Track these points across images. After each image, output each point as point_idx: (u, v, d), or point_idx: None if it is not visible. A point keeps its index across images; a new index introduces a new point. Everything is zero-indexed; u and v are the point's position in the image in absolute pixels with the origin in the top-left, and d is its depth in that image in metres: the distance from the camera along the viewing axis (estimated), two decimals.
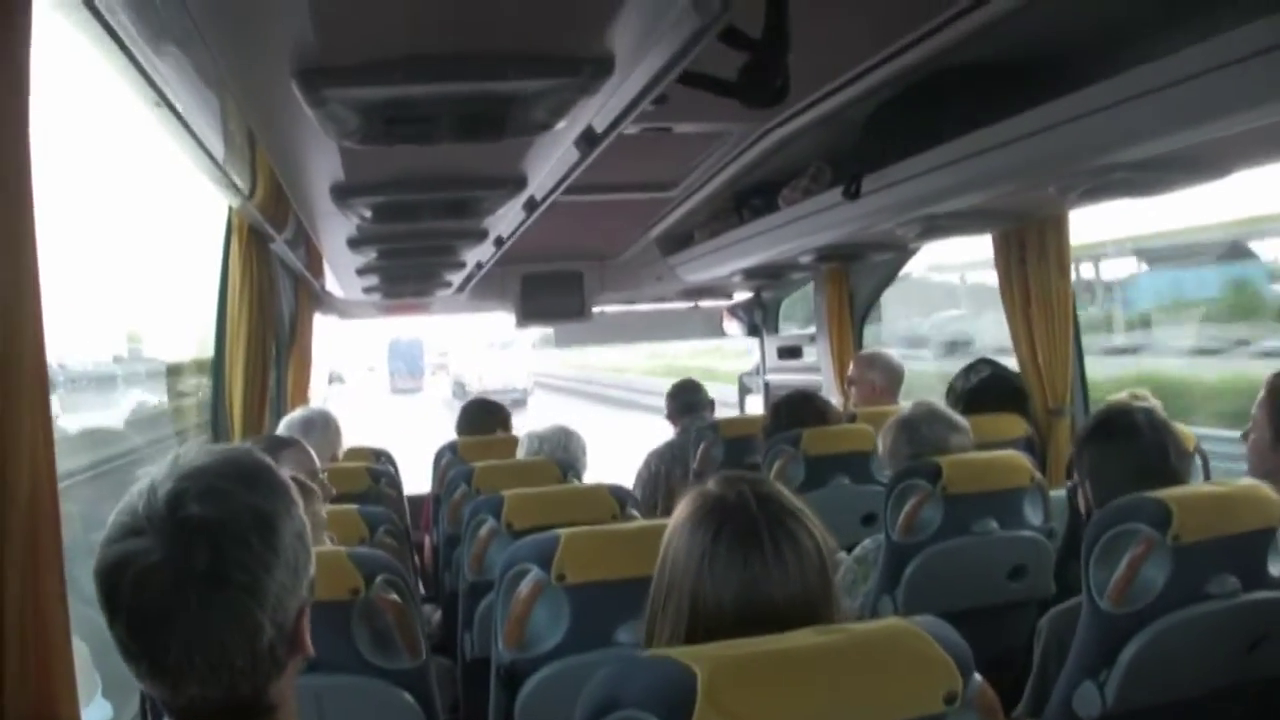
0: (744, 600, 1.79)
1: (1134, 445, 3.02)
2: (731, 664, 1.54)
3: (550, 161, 3.09)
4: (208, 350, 5.45)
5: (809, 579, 1.82)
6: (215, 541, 1.52)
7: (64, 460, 1.76)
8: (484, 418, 6.30)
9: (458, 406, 6.69)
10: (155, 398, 7.91)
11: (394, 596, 2.62)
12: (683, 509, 1.92)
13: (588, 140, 2.87)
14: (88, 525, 3.30)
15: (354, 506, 3.86)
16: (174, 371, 7.70)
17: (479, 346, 46.12)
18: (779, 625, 1.72)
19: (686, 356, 33.08)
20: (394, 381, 54.26)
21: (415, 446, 6.69)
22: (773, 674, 1.54)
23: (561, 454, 4.78)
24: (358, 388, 49.52)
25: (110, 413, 7.30)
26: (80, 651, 2.92)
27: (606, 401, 36.48)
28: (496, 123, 2.35)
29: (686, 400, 6.77)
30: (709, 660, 1.53)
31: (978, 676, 1.64)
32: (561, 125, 2.45)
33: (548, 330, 9.07)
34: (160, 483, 1.55)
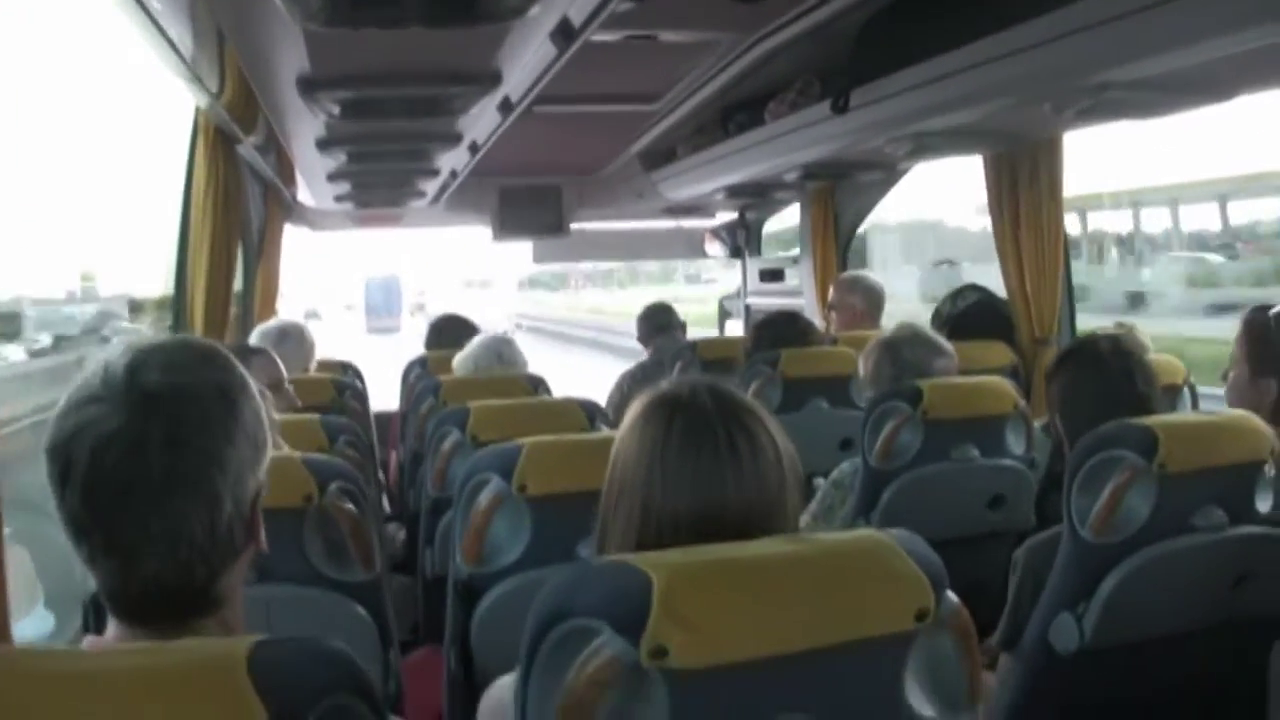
0: (697, 500, 1.73)
1: (1098, 374, 3.02)
2: (690, 570, 1.49)
3: (526, 56, 3.03)
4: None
5: (767, 482, 1.75)
6: (177, 407, 1.50)
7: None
8: (453, 330, 6.25)
9: None
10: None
11: (349, 505, 2.57)
12: (634, 408, 1.86)
13: (564, 34, 2.81)
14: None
15: (315, 416, 3.82)
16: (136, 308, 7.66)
17: (456, 286, 45.35)
18: (733, 529, 1.68)
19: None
20: (370, 320, 54.14)
21: (388, 389, 6.66)
22: (734, 582, 1.49)
23: (500, 367, 4.70)
24: (334, 326, 49.50)
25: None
26: (23, 562, 2.88)
27: (626, 354, 34.06)
28: (467, 5, 2.29)
29: (658, 321, 6.75)
30: (666, 566, 1.48)
31: (952, 595, 1.59)
32: (535, 12, 2.39)
33: (535, 270, 9.05)
34: (117, 358, 1.52)
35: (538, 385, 4.45)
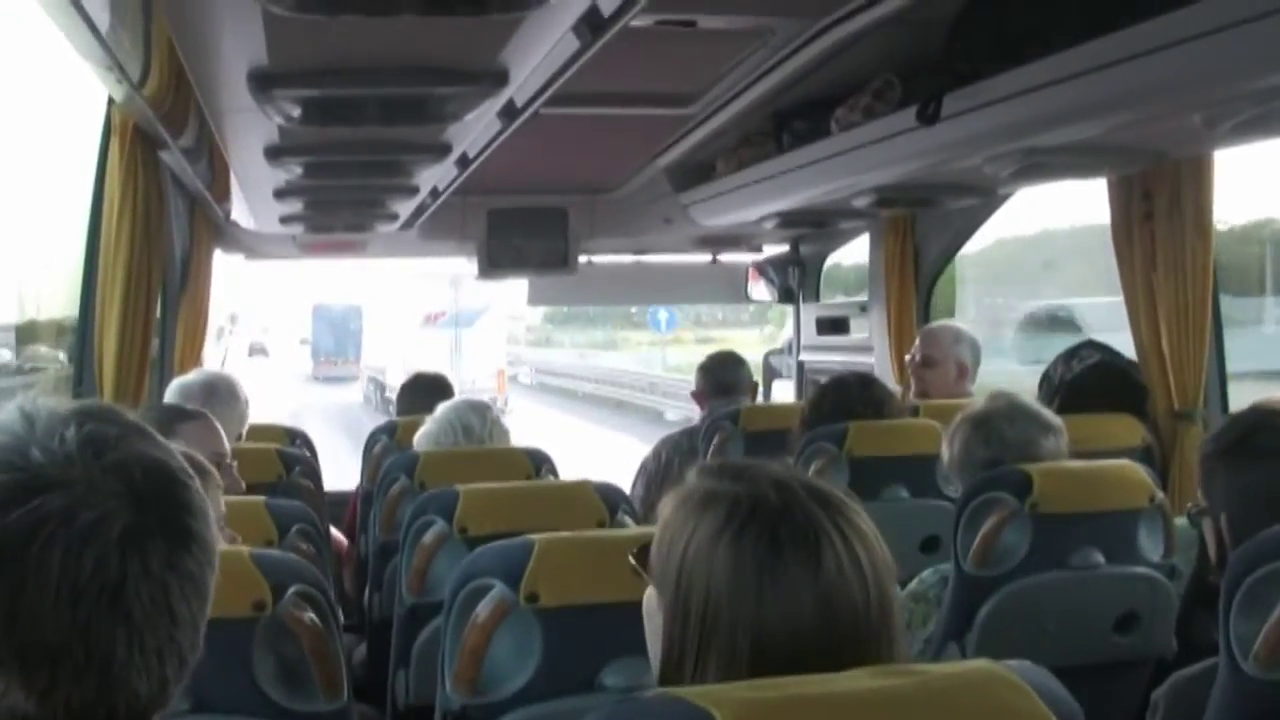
0: (821, 620, 1.76)
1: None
2: (762, 709, 1.49)
3: (540, 52, 3.05)
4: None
5: (886, 593, 1.80)
6: (164, 489, 1.51)
7: None
8: (432, 394, 6.23)
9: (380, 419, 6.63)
10: None
11: (310, 616, 2.57)
12: (699, 522, 1.87)
13: (591, 25, 2.83)
14: None
15: (259, 499, 3.81)
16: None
17: (414, 323, 41.95)
18: (854, 651, 1.72)
19: None
20: (317, 365, 53.24)
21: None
22: None
23: (469, 440, 4.69)
24: (284, 365, 48.84)
25: None
26: None
27: None
28: None
29: (721, 379, 6.56)
30: (735, 704, 1.48)
31: None
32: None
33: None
34: (52, 429, 1.50)
35: (541, 464, 4.45)
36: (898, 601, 1.85)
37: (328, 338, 53.56)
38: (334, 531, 5.90)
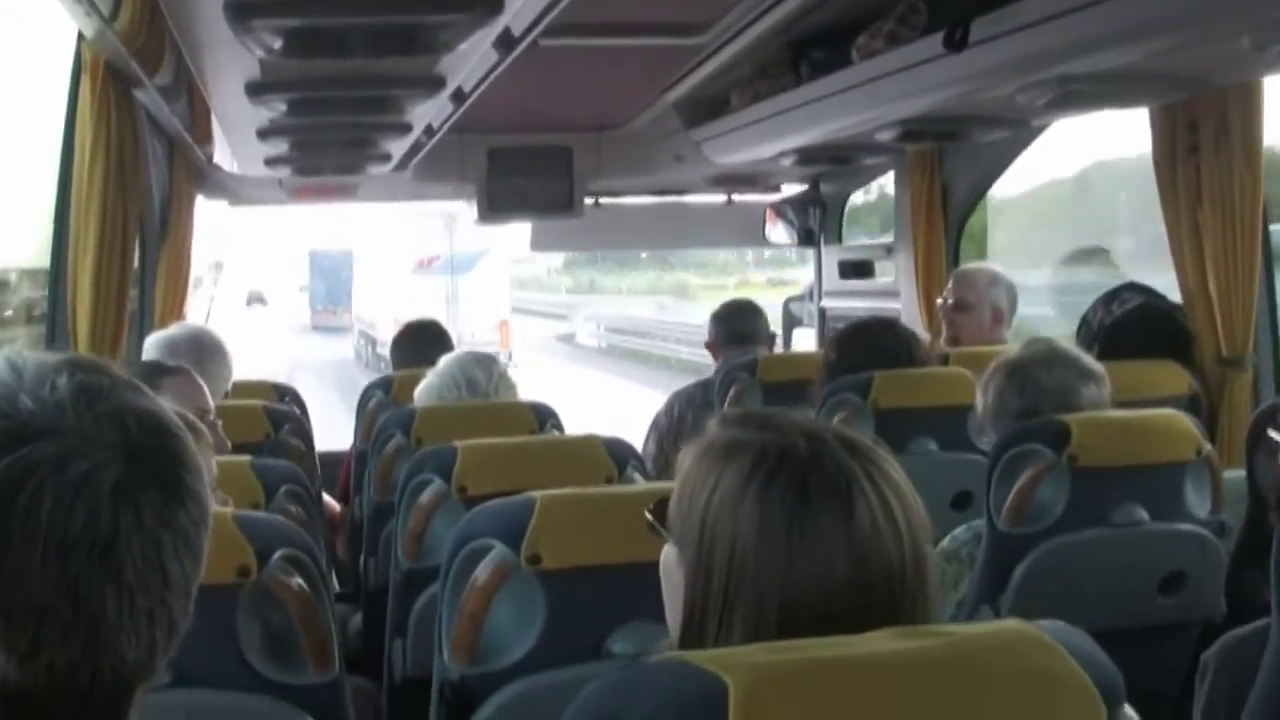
0: (851, 578, 1.77)
1: None
2: (777, 674, 1.49)
3: None
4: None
5: (920, 547, 1.82)
6: (159, 440, 1.50)
7: None
8: (429, 345, 6.21)
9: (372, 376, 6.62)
10: None
11: (298, 581, 2.56)
12: (723, 473, 1.87)
13: None
14: None
15: (244, 458, 3.80)
16: None
17: (405, 269, 40.18)
18: (887, 610, 1.73)
19: None
20: (314, 314, 53.09)
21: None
22: (836, 690, 1.49)
23: (473, 395, 4.67)
24: (282, 313, 48.66)
25: None
26: None
27: None
28: None
29: (736, 328, 6.54)
30: (747, 669, 1.47)
31: (1130, 711, 1.59)
32: None
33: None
34: (43, 377, 1.49)
35: (546, 418, 4.44)
36: (933, 558, 1.84)
37: (322, 286, 53.28)
38: (325, 497, 5.90)
